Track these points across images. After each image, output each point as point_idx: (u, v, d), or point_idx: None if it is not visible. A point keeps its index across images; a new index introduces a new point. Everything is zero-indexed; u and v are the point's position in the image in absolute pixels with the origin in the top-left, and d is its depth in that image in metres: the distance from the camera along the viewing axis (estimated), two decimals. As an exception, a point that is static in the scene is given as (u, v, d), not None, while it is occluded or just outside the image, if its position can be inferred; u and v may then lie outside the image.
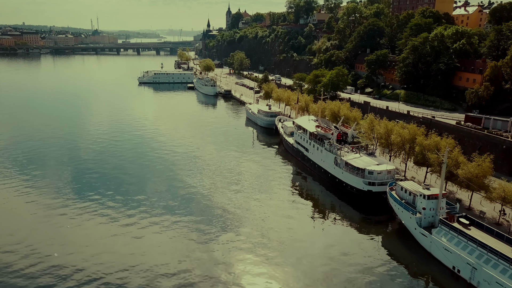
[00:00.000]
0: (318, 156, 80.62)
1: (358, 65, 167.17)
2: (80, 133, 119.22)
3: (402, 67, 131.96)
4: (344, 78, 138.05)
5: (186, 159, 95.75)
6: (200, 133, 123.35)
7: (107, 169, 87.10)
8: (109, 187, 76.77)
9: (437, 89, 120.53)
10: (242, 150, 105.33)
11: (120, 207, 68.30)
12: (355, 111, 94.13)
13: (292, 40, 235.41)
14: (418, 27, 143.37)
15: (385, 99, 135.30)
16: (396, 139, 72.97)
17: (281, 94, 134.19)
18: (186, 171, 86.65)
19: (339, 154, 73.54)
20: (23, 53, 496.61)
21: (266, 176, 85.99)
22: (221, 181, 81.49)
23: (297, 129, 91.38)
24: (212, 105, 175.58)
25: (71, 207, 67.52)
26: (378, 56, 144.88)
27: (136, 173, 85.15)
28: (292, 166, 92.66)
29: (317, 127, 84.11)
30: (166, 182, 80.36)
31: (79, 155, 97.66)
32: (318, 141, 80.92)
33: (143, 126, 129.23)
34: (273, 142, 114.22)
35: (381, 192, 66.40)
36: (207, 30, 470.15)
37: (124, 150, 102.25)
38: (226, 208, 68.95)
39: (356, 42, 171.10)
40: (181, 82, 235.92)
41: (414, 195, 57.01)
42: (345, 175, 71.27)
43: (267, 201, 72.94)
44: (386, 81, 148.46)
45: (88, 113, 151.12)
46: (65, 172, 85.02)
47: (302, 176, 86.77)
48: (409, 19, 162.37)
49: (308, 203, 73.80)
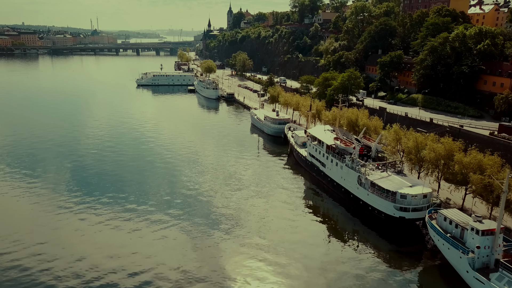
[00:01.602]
0: (338, 173, 70.80)
1: (369, 67, 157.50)
2: (74, 142, 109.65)
3: (419, 69, 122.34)
4: (356, 81, 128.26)
5: (185, 165, 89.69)
6: (201, 140, 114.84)
7: (106, 175, 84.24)
8: (109, 190, 75.56)
9: (460, 94, 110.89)
10: (247, 160, 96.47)
11: (119, 208, 67.63)
12: (375, 119, 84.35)
13: (297, 41, 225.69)
14: (435, 26, 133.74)
15: (400, 104, 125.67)
16: (429, 155, 63.22)
17: (289, 99, 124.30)
18: (185, 179, 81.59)
19: (363, 172, 63.73)
20: (20, 53, 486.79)
21: (275, 191, 77.12)
22: (223, 195, 74.50)
23: (311, 140, 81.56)
24: (214, 109, 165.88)
25: (71, 208, 66.91)
26: (392, 57, 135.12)
27: (134, 180, 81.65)
28: (305, 181, 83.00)
29: (335, 139, 74.10)
30: (165, 191, 76.30)
31: (76, 161, 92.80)
32: (337, 156, 71.07)
33: (140, 133, 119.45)
34: (282, 151, 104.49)
35: (416, 219, 56.76)
36: (208, 30, 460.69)
37: (120, 157, 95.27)
38: (230, 230, 61.17)
39: (366, 42, 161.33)
40: (181, 85, 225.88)
41: (463, 228, 47.30)
42: (371, 198, 61.57)
43: (277, 220, 64.72)
44: (401, 85, 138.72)
45: (81, 119, 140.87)
46: (64, 175, 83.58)
47: (317, 193, 77.05)
48: (423, 18, 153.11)
49: (325, 226, 64.49)
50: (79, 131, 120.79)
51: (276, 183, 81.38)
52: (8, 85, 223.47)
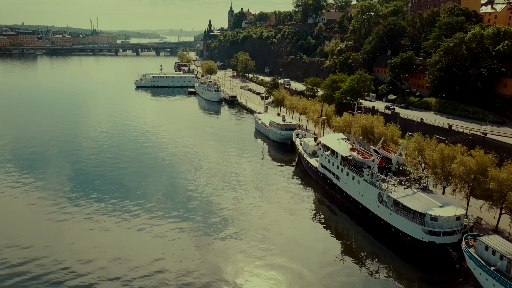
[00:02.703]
0: (354, 188, 63.97)
1: (378, 69, 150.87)
2: (74, 145, 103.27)
3: (433, 71, 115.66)
4: (366, 84, 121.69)
5: (185, 172, 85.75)
6: (202, 145, 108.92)
7: (106, 177, 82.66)
8: (109, 191, 74.34)
9: (478, 97, 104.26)
10: (251, 168, 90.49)
11: (120, 209, 66.71)
12: (392, 127, 77.47)
13: (301, 41, 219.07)
14: (448, 26, 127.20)
15: (413, 108, 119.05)
16: (459, 169, 56.50)
17: (295, 102, 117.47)
18: (185, 186, 77.66)
19: (384, 189, 56.99)
20: (18, 54, 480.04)
21: (282, 204, 71.06)
22: (225, 204, 69.57)
23: (324, 150, 74.70)
24: (216, 113, 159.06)
25: (70, 209, 66.07)
26: (403, 58, 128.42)
27: (135, 182, 79.78)
28: (316, 194, 76.29)
29: (351, 150, 67.13)
30: (165, 197, 72.98)
31: (76, 163, 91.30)
32: (354, 169, 64.25)
33: (137, 137, 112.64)
34: (288, 159, 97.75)
35: (448, 244, 50.09)
36: (209, 30, 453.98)
37: (119, 162, 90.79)
38: (234, 240, 57.34)
39: (374, 43, 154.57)
40: (182, 86, 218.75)
41: (510, 260, 40.62)
42: (394, 218, 54.85)
43: (285, 236, 59.23)
44: (412, 87, 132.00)
45: (76, 123, 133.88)
46: (64, 177, 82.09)
47: (330, 208, 70.30)
48: (434, 18, 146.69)
49: (340, 245, 58.07)
50: (76, 134, 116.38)
51: (284, 195, 74.89)
52: (5, 86, 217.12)
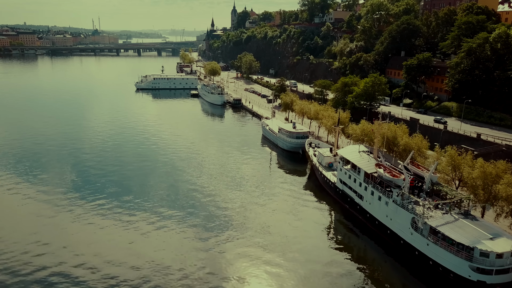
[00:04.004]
0: (381, 210, 55.90)
1: (391, 71, 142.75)
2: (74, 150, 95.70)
3: (454, 74, 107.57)
4: (381, 87, 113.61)
5: (187, 182, 79.69)
6: (205, 150, 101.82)
7: (108, 178, 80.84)
8: (112, 193, 73.93)
9: (505, 103, 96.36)
10: (257, 178, 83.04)
11: (122, 209, 66.22)
12: (418, 138, 69.23)
13: (308, 41, 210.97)
14: (468, 25, 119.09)
15: (431, 113, 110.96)
16: (506, 191, 48.46)
17: (305, 107, 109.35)
18: (187, 197, 72.72)
19: (419, 214, 48.92)
20: (17, 54, 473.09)
21: (294, 221, 64.01)
22: (229, 220, 63.44)
23: (343, 164, 66.58)
24: (219, 117, 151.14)
25: (72, 210, 65.60)
26: (420, 60, 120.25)
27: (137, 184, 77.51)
28: (333, 213, 68.20)
29: (377, 166, 59.02)
30: (165, 207, 66.19)
31: (78, 164, 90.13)
32: (381, 188, 56.22)
33: (136, 146, 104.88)
34: (300, 170, 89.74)
35: (501, 284, 42.06)
36: (211, 29, 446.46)
37: (120, 168, 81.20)
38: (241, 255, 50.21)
39: (387, 43, 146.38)
40: (184, 88, 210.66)
41: None
42: (433, 249, 46.80)
43: (299, 259, 52.49)
44: (429, 91, 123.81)
45: (72, 131, 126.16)
46: (67, 177, 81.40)
47: (351, 231, 62.12)
48: (451, 17, 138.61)
49: (363, 276, 49.95)
50: (76, 138, 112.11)
51: (295, 211, 67.32)
52: (5, 87, 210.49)
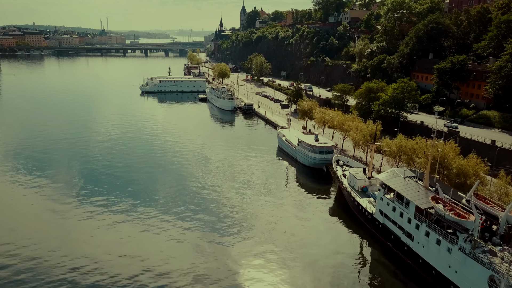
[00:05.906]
0: (442, 258, 43.81)
1: (417, 74, 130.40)
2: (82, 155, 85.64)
3: (497, 79, 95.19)
4: (411, 94, 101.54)
5: (192, 196, 71.49)
6: (214, 162, 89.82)
7: (115, 179, 71.68)
8: (119, 193, 73.66)
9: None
10: (273, 196, 72.37)
11: (129, 209, 65.69)
12: (473, 158, 57.14)
13: (322, 42, 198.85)
14: (509, 25, 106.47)
15: (468, 123, 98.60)
16: None
17: (327, 116, 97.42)
18: (192, 213, 63.26)
19: (502, 272, 36.94)
20: (23, 54, 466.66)
21: (320, 255, 52.69)
22: (241, 252, 51.29)
23: (385, 192, 54.49)
24: (229, 123, 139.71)
25: (80, 208, 65.37)
26: (454, 63, 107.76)
27: None
28: (369, 248, 56.37)
29: (434, 200, 46.85)
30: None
31: (87, 165, 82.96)
32: (440, 229, 44.21)
33: (136, 158, 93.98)
34: (323, 190, 77.93)
35: None
36: (220, 30, 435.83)
37: None
38: None
39: (413, 44, 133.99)
40: (191, 92, 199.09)
41: None
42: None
43: None
44: (463, 98, 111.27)
45: (66, 135, 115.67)
46: (75, 177, 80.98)
47: (395, 275, 50.28)
48: (484, 15, 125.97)
49: None
50: (83, 139, 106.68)
51: (320, 242, 55.99)
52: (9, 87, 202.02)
